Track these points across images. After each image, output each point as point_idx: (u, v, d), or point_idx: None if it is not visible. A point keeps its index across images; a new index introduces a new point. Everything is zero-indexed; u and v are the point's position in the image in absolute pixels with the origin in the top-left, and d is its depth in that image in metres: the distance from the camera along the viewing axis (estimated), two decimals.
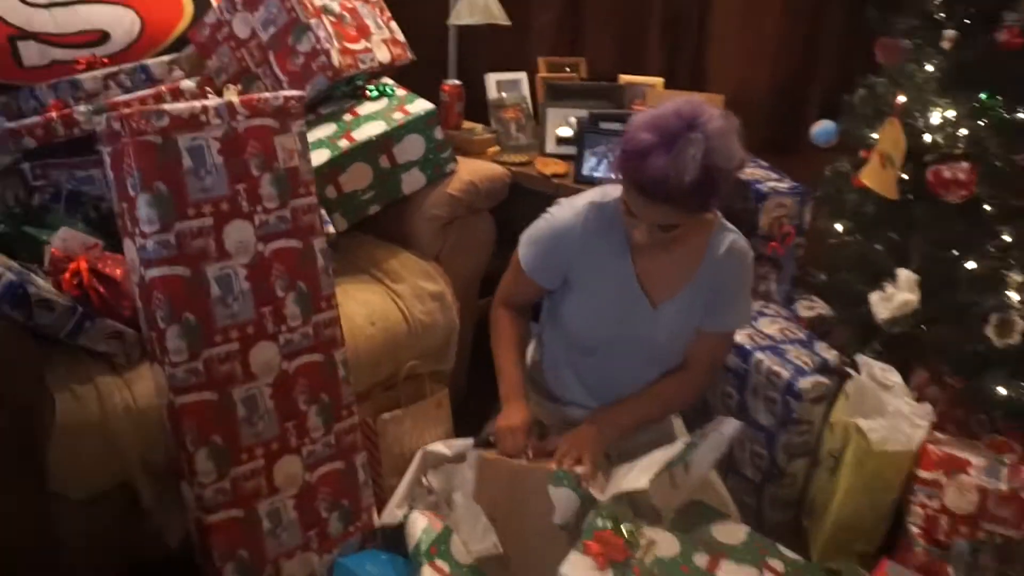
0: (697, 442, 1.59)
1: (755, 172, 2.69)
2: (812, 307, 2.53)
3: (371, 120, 2.11)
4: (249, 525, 1.59)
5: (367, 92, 2.20)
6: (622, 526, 1.38)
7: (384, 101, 2.17)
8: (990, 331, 1.84)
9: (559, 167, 2.32)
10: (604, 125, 2.32)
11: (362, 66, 2.17)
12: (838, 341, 2.37)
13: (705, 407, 2.27)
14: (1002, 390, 1.91)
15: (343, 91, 2.21)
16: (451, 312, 2.10)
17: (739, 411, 2.15)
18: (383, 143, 2.07)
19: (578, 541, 1.38)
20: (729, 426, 1.62)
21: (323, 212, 1.96)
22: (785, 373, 2.00)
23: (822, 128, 2.44)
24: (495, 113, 2.53)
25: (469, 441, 1.75)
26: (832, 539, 1.93)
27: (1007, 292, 1.85)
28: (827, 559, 1.94)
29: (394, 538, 1.68)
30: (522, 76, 2.65)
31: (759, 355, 2.09)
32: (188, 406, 1.51)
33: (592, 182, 2.24)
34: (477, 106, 2.59)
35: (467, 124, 2.56)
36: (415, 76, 2.39)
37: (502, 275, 1.71)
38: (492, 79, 2.59)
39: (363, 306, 1.96)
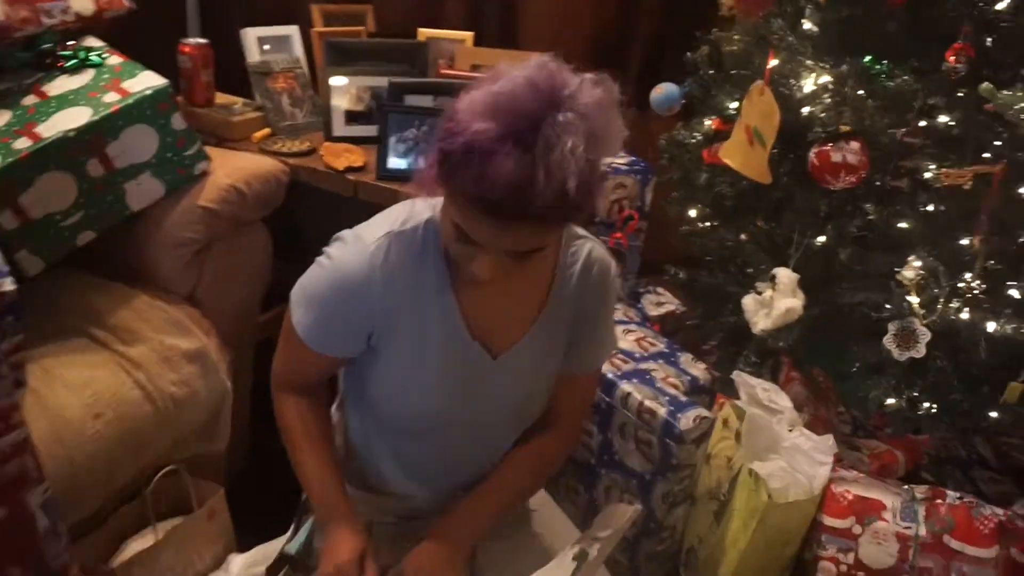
0: (588, 550, 1.17)
1: None
2: (660, 302, 2.20)
3: (69, 105, 1.42)
4: None
5: (61, 61, 1.50)
6: None
7: (89, 74, 1.49)
8: (889, 342, 1.56)
9: (353, 156, 1.75)
10: (411, 100, 1.77)
11: (47, 20, 1.47)
12: (692, 339, 2.06)
13: None
14: (890, 400, 1.66)
15: (20, 59, 1.49)
16: (218, 374, 1.50)
17: (602, 453, 1.76)
18: (90, 141, 1.40)
19: None
20: (625, 516, 1.23)
21: None
22: (661, 411, 1.62)
23: (664, 93, 2.06)
24: (260, 83, 1.89)
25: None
26: None
27: (906, 296, 1.57)
28: None
29: None
30: (293, 31, 2.02)
31: (625, 386, 1.69)
32: None
33: (401, 178, 1.69)
34: (233, 74, 1.94)
35: (221, 98, 1.90)
36: (139, 36, 1.69)
37: (287, 287, 1.15)
38: (251, 36, 1.94)
39: (79, 392, 1.32)
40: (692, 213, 2.00)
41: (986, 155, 1.52)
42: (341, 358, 1.15)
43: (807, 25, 1.66)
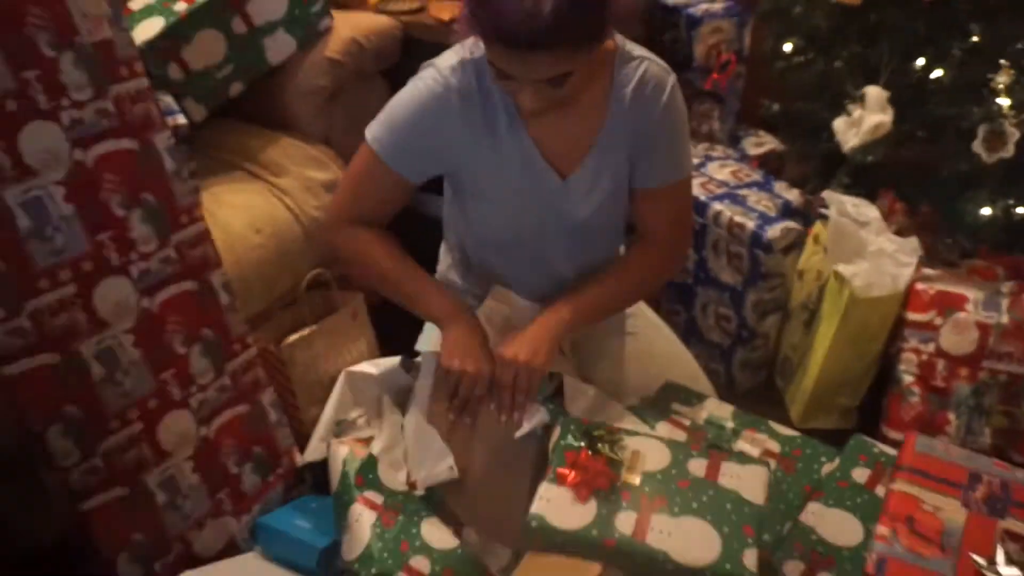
0: None
1: None
2: (760, 143, 2.27)
3: None
4: (138, 503, 1.28)
5: None
6: (599, 443, 1.12)
7: None
8: (978, 145, 1.60)
9: (458, 9, 1.91)
10: None
11: None
12: (794, 177, 2.13)
13: None
14: (986, 211, 1.69)
15: None
16: None
17: (697, 271, 1.90)
18: (233, 1, 1.62)
19: (548, 469, 1.12)
20: None
21: (168, 99, 1.55)
22: (750, 223, 1.75)
23: None
24: None
25: (397, 359, 1.46)
26: (815, 397, 1.74)
27: (994, 99, 1.59)
28: (809, 418, 1.76)
29: (326, 476, 1.41)
30: None
31: (717, 205, 1.82)
32: (22, 375, 1.15)
33: None
34: None
35: None
36: None
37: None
38: None
39: (242, 211, 1.59)
40: (787, 47, 2.03)
41: None
42: (411, 182, 1.21)
43: None
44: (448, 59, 1.18)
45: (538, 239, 1.28)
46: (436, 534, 1.27)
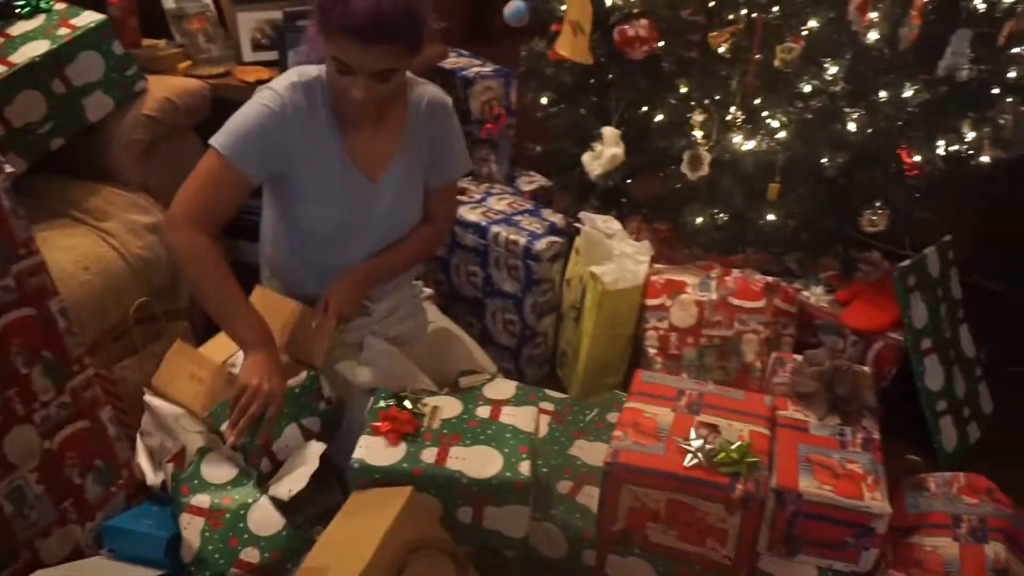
0: None
1: (458, 62, 2.74)
2: (532, 180, 2.69)
3: (30, 40, 1.83)
4: None
5: (15, 9, 1.90)
6: (405, 401, 1.41)
7: (41, 17, 1.89)
8: (684, 167, 2.08)
9: (262, 73, 2.19)
10: (302, 22, 2.21)
11: None
12: (560, 206, 2.56)
13: (452, 291, 2.34)
14: (699, 219, 2.18)
15: None
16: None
17: (485, 286, 2.25)
18: (52, 64, 1.81)
19: (365, 427, 1.38)
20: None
21: None
22: (521, 239, 2.12)
23: (513, 9, 2.52)
24: (178, 25, 2.30)
25: None
26: (586, 378, 2.11)
27: (693, 132, 2.08)
28: (583, 397, 2.13)
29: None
30: None
31: (495, 228, 2.19)
32: None
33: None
34: (154, 20, 2.34)
35: (147, 41, 2.30)
36: None
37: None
38: None
39: (70, 252, 1.74)
40: (544, 100, 2.48)
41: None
42: (251, 180, 1.43)
43: None
44: (282, 81, 1.48)
45: (356, 231, 1.57)
46: (263, 521, 1.36)
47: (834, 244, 2.24)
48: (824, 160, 1.99)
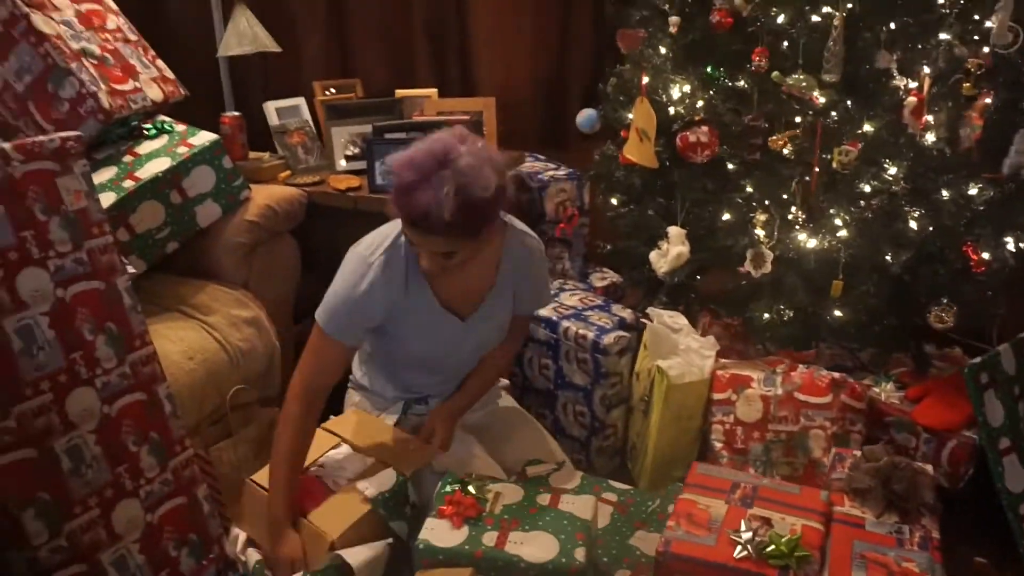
0: None
1: (534, 165, 2.92)
2: (604, 277, 2.80)
3: (154, 158, 2.08)
4: None
5: (144, 131, 2.17)
6: (469, 487, 1.49)
7: (164, 138, 2.15)
8: (748, 265, 2.15)
9: (352, 181, 2.41)
10: (389, 135, 2.43)
11: (134, 106, 2.14)
12: (631, 301, 2.65)
13: (525, 383, 2.44)
14: (766, 316, 2.22)
15: (118, 133, 2.16)
16: (269, 335, 2.12)
17: (557, 378, 2.34)
18: (171, 178, 2.05)
19: (431, 510, 1.47)
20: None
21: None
22: (590, 334, 2.21)
23: (586, 116, 2.71)
24: (280, 139, 2.56)
25: None
26: (653, 471, 2.15)
27: (755, 231, 2.16)
28: (651, 489, 2.16)
29: None
30: (300, 101, 2.70)
31: (565, 323, 2.29)
32: (6, 467, 1.44)
33: (386, 191, 2.34)
34: (260, 135, 2.61)
35: (253, 154, 2.57)
36: (192, 111, 2.38)
37: (312, 302, 1.69)
38: (271, 107, 2.62)
39: (178, 343, 1.93)
40: (614, 201, 2.61)
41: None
42: (355, 347, 1.71)
43: (663, 50, 2.30)
44: (374, 248, 1.62)
45: (446, 361, 1.76)
46: None
47: (907, 339, 2.24)
48: (887, 257, 2.02)
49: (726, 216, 2.31)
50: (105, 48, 2.13)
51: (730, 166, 2.31)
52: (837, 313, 2.16)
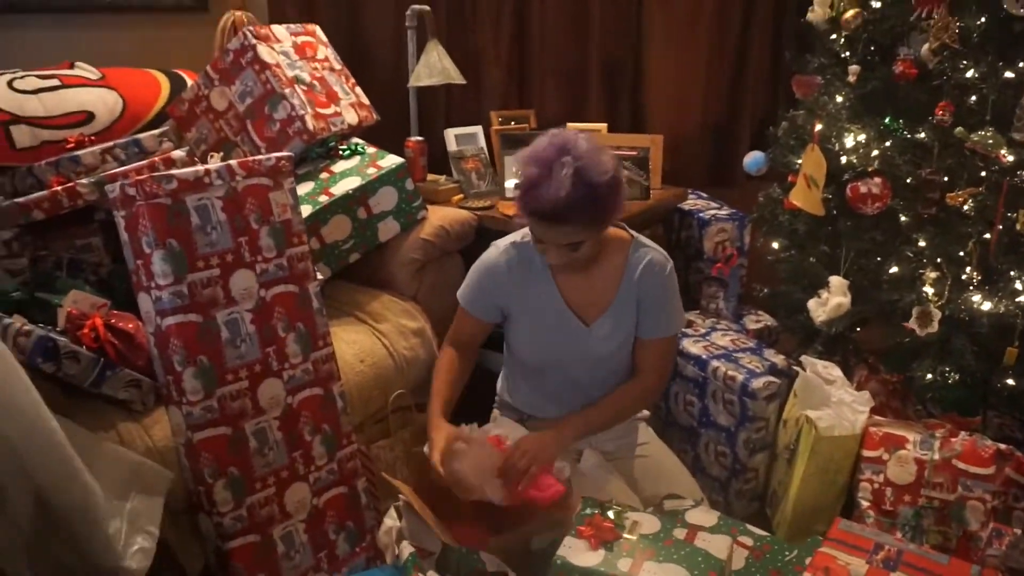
0: None
1: (696, 203, 2.95)
2: (759, 320, 2.78)
3: (346, 176, 2.30)
4: (266, 549, 1.72)
5: (340, 152, 2.40)
6: (608, 512, 1.56)
7: (356, 159, 2.37)
8: (913, 323, 2.08)
9: None
10: None
11: (334, 128, 2.38)
12: (784, 347, 2.61)
13: (668, 416, 2.47)
14: (929, 376, 2.14)
15: (317, 153, 2.41)
16: (431, 346, 2.28)
17: (701, 416, 2.35)
18: (359, 196, 2.26)
19: (571, 528, 1.55)
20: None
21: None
22: (739, 376, 2.22)
23: (753, 159, 2.71)
24: (456, 164, 2.74)
25: None
26: (794, 522, 2.12)
27: (924, 288, 2.09)
28: (790, 540, 2.12)
29: None
30: (478, 130, 2.88)
31: (715, 363, 2.30)
32: (205, 441, 1.65)
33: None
34: (439, 159, 2.81)
35: (431, 176, 2.77)
36: (381, 135, 2.60)
37: None
38: (451, 134, 2.81)
39: (352, 346, 2.12)
40: (775, 245, 2.59)
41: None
42: (483, 320, 1.78)
43: (840, 98, 2.28)
44: (506, 239, 1.79)
45: (566, 367, 1.79)
46: None
47: None
48: None
49: (893, 269, 2.25)
50: (314, 76, 2.39)
51: (902, 218, 2.25)
52: (1010, 382, 2.05)
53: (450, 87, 2.96)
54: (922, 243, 2.21)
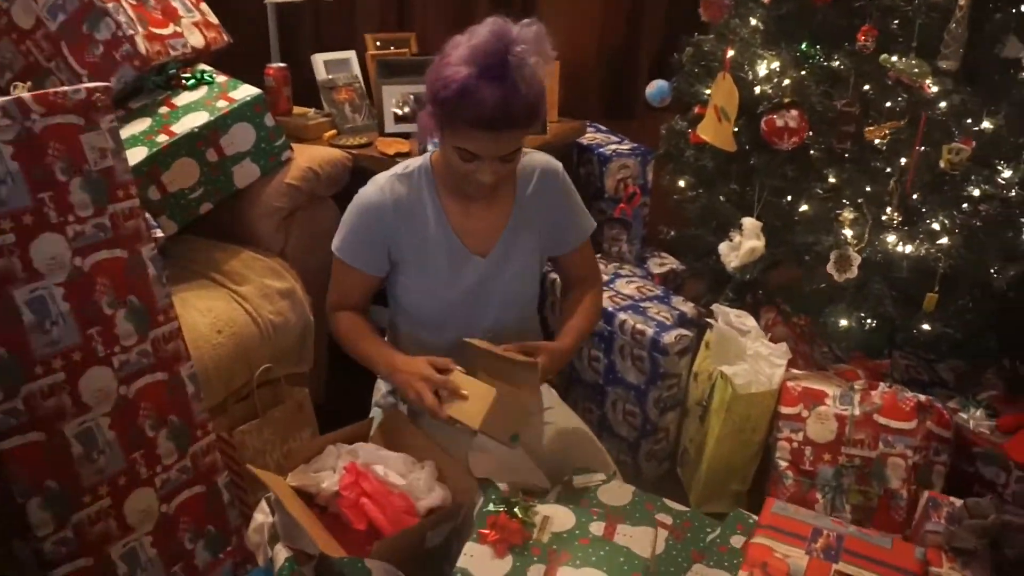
0: None
1: (595, 137, 2.71)
2: (663, 263, 2.60)
3: (191, 111, 1.92)
4: (102, 573, 1.42)
5: (183, 81, 2.01)
6: (515, 508, 1.34)
7: (204, 89, 1.99)
8: (831, 268, 1.94)
9: (401, 145, 2.22)
10: None
11: (173, 52, 1.98)
12: (691, 293, 2.45)
13: (573, 373, 2.27)
14: (844, 322, 2.02)
15: (155, 82, 2.00)
16: (303, 309, 1.97)
17: (607, 373, 2.16)
18: (208, 135, 1.89)
19: (472, 531, 1.32)
20: None
21: (148, 216, 1.77)
22: (649, 330, 2.03)
23: (656, 88, 2.49)
24: (327, 95, 2.38)
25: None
26: (708, 483, 1.98)
27: (842, 231, 1.95)
28: (704, 502, 1.99)
29: None
30: (351, 55, 2.51)
31: (622, 315, 2.10)
32: (11, 453, 1.31)
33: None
34: (307, 89, 2.44)
35: (298, 109, 2.40)
36: (235, 61, 2.21)
37: None
38: (319, 60, 2.44)
39: (206, 314, 1.79)
40: (681, 184, 2.40)
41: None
42: (369, 274, 1.54)
43: (753, 22, 2.07)
44: (386, 174, 1.53)
45: (467, 313, 1.55)
46: None
47: (1001, 359, 2.02)
48: (993, 271, 1.81)
49: (806, 208, 2.09)
50: None
51: (814, 153, 2.09)
52: (926, 327, 1.95)
53: (317, 5, 2.57)
54: (834, 180, 2.06)
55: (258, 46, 2.45)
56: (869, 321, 1.99)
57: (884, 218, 1.91)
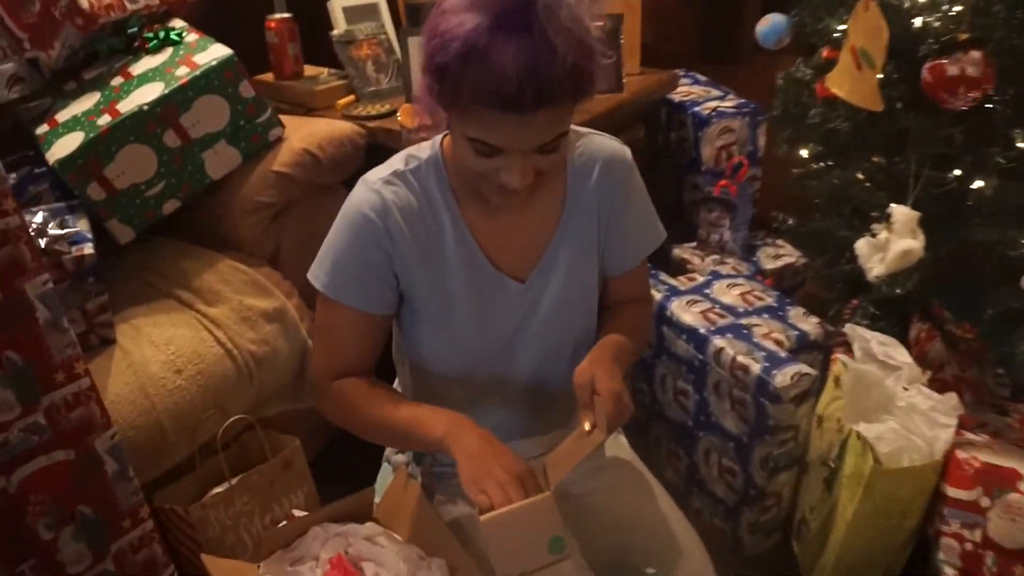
0: None
1: (691, 91, 2.15)
2: (778, 255, 2.04)
3: (146, 82, 1.50)
4: None
5: (145, 43, 1.58)
6: None
7: (167, 52, 1.56)
8: None
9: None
10: None
11: (132, 6, 1.56)
12: (814, 294, 1.88)
13: (656, 406, 1.76)
14: None
15: (111, 46, 1.59)
16: (297, 332, 1.54)
17: (699, 413, 1.64)
18: (162, 113, 1.46)
19: None
20: None
21: (82, 224, 1.37)
22: (755, 366, 1.49)
23: (770, 25, 1.88)
24: (344, 52, 1.91)
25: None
26: (836, 573, 1.45)
27: None
28: None
29: None
30: (379, 1, 2.02)
31: (718, 341, 1.57)
32: None
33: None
34: (320, 46, 1.97)
35: (310, 70, 1.95)
36: (227, 14, 1.77)
37: None
38: (338, 7, 1.96)
39: (162, 348, 1.39)
40: (804, 153, 1.80)
41: None
42: (371, 312, 1.05)
43: None
44: (379, 172, 1.03)
45: (497, 359, 1.08)
46: None
47: None
48: None
49: (986, 186, 1.47)
50: None
51: (996, 108, 1.45)
52: None
53: None
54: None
55: None
56: None
57: None
